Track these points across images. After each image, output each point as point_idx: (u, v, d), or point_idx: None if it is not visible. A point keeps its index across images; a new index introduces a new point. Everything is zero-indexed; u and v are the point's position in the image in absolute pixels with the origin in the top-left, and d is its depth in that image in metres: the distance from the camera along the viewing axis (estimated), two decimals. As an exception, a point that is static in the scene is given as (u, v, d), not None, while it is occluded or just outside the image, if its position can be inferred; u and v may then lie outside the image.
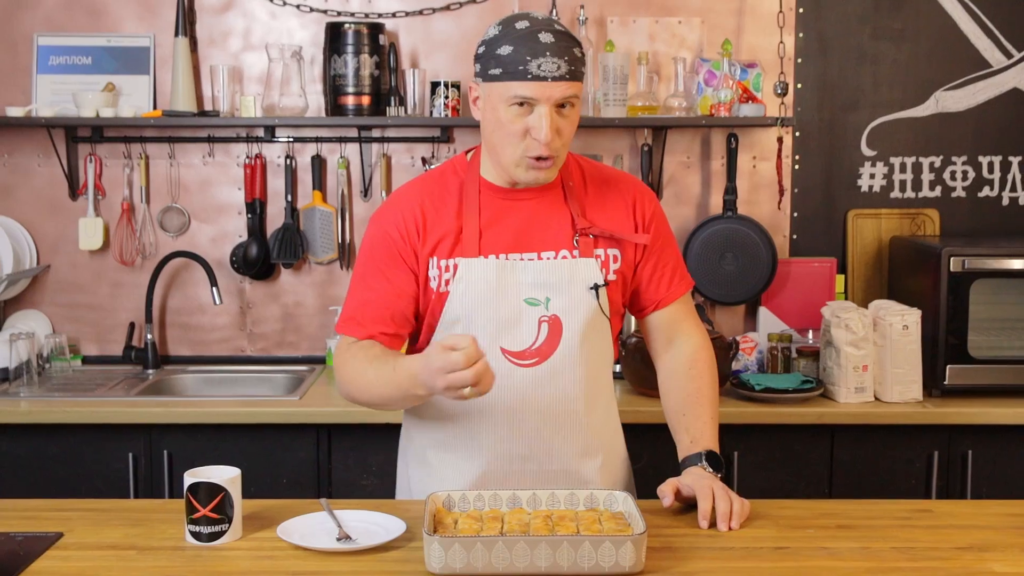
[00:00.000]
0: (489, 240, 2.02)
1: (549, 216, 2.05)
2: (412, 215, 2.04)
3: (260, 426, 3.04)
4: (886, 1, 3.57)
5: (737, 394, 3.15)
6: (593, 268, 2.03)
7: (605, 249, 2.06)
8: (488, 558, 1.73)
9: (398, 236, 2.03)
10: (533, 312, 2.01)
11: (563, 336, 2.02)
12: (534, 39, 1.89)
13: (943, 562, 1.83)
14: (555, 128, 1.92)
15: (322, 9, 3.54)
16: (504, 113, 1.92)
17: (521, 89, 1.89)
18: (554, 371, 2.03)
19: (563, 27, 1.94)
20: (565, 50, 1.90)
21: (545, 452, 2.07)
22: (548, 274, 2.01)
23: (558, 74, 1.89)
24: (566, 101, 1.92)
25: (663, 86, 3.56)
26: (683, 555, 1.84)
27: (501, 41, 1.91)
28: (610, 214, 2.08)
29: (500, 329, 2.01)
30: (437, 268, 2.03)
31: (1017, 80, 3.59)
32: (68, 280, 3.62)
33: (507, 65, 1.90)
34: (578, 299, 2.02)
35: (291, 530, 1.91)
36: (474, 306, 2.01)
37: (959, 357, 3.12)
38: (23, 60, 3.53)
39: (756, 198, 3.61)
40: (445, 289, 2.02)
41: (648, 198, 2.14)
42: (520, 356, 2.02)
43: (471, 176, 2.06)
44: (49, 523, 1.99)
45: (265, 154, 3.58)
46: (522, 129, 1.92)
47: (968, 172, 3.63)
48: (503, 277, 2.01)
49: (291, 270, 3.63)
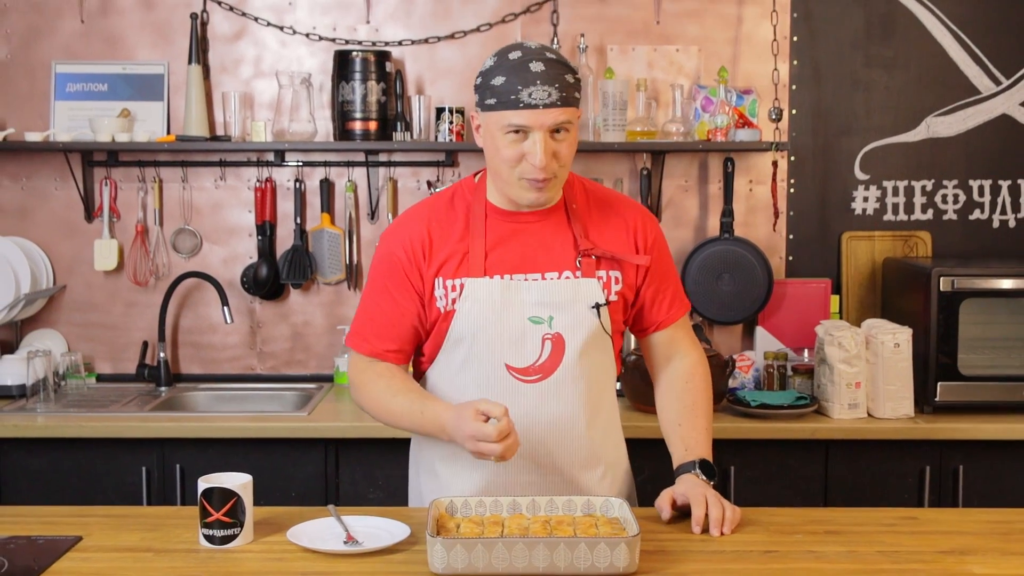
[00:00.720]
0: (494, 261, 2.09)
1: (553, 238, 2.12)
2: (419, 237, 2.12)
3: (269, 441, 3.13)
4: (878, 29, 3.68)
5: (733, 410, 3.23)
6: (595, 288, 2.11)
7: (607, 271, 2.13)
8: (488, 559, 1.82)
9: (404, 257, 2.12)
10: (537, 330, 2.09)
11: (566, 353, 2.09)
12: (525, 68, 1.96)
13: (925, 564, 1.91)
14: (550, 152, 1.99)
15: (331, 38, 3.66)
16: (501, 140, 2.00)
17: (514, 117, 1.97)
18: (557, 387, 2.10)
19: (556, 55, 2.01)
20: (556, 77, 1.96)
21: (547, 464, 2.14)
22: (551, 294, 2.09)
23: (549, 101, 1.95)
24: (559, 126, 1.98)
25: (661, 112, 3.67)
26: (675, 558, 1.92)
27: (495, 72, 1.99)
28: (612, 236, 2.15)
29: (505, 346, 2.09)
30: (443, 288, 2.10)
31: (1006, 106, 3.69)
32: (83, 300, 3.72)
33: (501, 95, 1.97)
34: (580, 317, 2.10)
35: (300, 534, 2.00)
36: (480, 324, 2.08)
37: (950, 374, 3.20)
38: (41, 87, 3.65)
39: (752, 220, 3.71)
40: (451, 308, 2.09)
41: (650, 224, 2.21)
42: (524, 372, 2.10)
43: (478, 199, 2.14)
44: (68, 528, 2.07)
45: (275, 178, 3.69)
46: (518, 155, 2.00)
47: (959, 195, 3.73)
48: (508, 296, 2.08)
49: (300, 290, 3.73)
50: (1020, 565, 1.91)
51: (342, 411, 3.31)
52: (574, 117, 2.01)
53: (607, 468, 2.21)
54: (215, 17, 3.66)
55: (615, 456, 2.26)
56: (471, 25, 3.66)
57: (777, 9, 3.62)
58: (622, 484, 2.29)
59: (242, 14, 3.65)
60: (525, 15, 3.66)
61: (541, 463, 2.14)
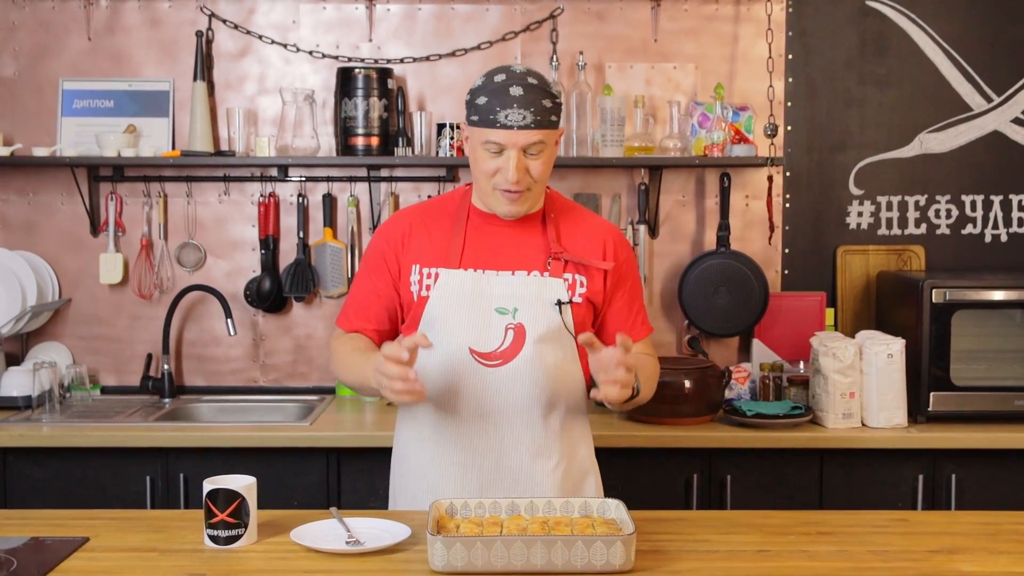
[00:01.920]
0: (470, 256, 2.28)
1: (527, 240, 2.29)
2: (400, 228, 2.33)
3: (272, 450, 3.17)
4: (871, 47, 3.75)
5: (730, 420, 3.27)
6: (559, 287, 2.26)
7: (573, 274, 2.28)
8: (487, 556, 1.86)
9: (385, 246, 2.33)
10: (501, 320, 2.24)
11: (525, 343, 2.24)
12: (505, 92, 2.15)
13: (915, 563, 1.95)
14: (522, 168, 2.17)
15: (334, 55, 3.72)
16: (480, 154, 2.20)
17: (492, 135, 2.16)
18: (516, 373, 2.24)
19: (538, 80, 2.19)
20: (532, 102, 2.15)
21: (500, 447, 2.26)
22: (518, 288, 2.25)
23: (523, 123, 2.14)
24: (532, 146, 2.16)
25: (659, 128, 3.73)
26: (670, 557, 1.97)
27: (480, 92, 2.18)
28: (582, 244, 2.31)
29: (471, 332, 2.24)
30: (419, 274, 2.28)
31: (997, 123, 3.75)
32: (89, 313, 3.77)
33: (482, 114, 2.17)
34: (542, 312, 2.24)
35: (303, 534, 2.04)
36: (450, 310, 2.24)
37: (942, 384, 3.25)
38: (49, 103, 3.72)
39: (749, 235, 3.76)
40: (426, 294, 2.27)
41: (622, 245, 2.37)
42: (487, 357, 2.24)
43: (464, 202, 2.34)
44: (76, 530, 2.12)
45: (278, 192, 3.75)
46: (494, 168, 2.19)
47: (952, 210, 3.78)
48: (478, 288, 2.25)
49: (303, 303, 3.78)
50: (1008, 563, 1.95)
51: (344, 421, 3.35)
52: (548, 138, 2.19)
53: (560, 460, 2.29)
54: (220, 35, 3.73)
55: (572, 451, 2.33)
56: (472, 43, 3.73)
57: (772, 28, 3.68)
58: (576, 480, 2.34)
59: (247, 32, 3.72)
60: (525, 33, 3.72)
61: (495, 446, 2.25)
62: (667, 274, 3.77)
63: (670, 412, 3.23)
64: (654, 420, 3.22)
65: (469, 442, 2.26)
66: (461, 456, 2.27)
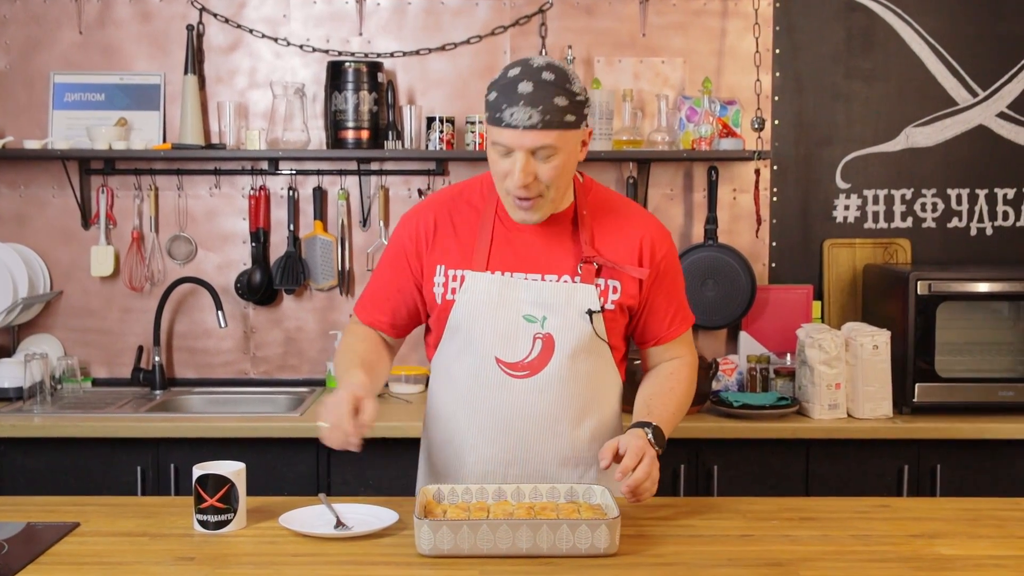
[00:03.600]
0: (497, 258, 2.16)
1: (558, 242, 2.16)
2: (426, 225, 2.21)
3: (262, 441, 3.19)
4: (858, 42, 3.78)
5: (716, 411, 3.30)
6: (591, 295, 2.14)
7: (606, 279, 2.16)
8: (474, 540, 1.88)
9: (409, 242, 2.22)
10: (529, 328, 2.14)
11: (555, 353, 2.14)
12: (513, 89, 1.99)
13: (895, 547, 1.98)
14: (530, 172, 2.01)
15: (324, 49, 3.74)
16: (492, 154, 2.06)
17: (497, 136, 2.02)
18: (543, 385, 2.15)
19: (556, 73, 2.00)
20: (542, 100, 1.97)
21: (527, 457, 2.20)
22: (547, 295, 2.14)
23: (528, 123, 1.97)
24: (541, 150, 2.00)
25: (647, 122, 3.75)
26: (655, 541, 1.99)
27: (493, 87, 2.03)
28: (618, 246, 2.18)
29: (497, 340, 2.15)
30: (444, 276, 2.18)
31: (983, 117, 3.79)
32: (80, 305, 3.79)
33: (491, 111, 2.02)
34: (572, 321, 2.14)
35: (292, 519, 2.07)
36: (475, 316, 2.15)
37: (927, 376, 3.29)
38: (40, 96, 3.73)
39: (736, 228, 3.79)
40: (452, 297, 2.17)
41: (660, 240, 2.22)
42: (513, 367, 2.15)
43: (491, 198, 2.19)
44: (67, 515, 2.14)
45: (269, 186, 3.77)
46: (504, 171, 2.05)
47: (938, 204, 3.82)
48: (505, 293, 2.14)
49: (293, 296, 3.80)
50: (987, 547, 1.98)
51: (334, 413, 3.37)
52: (561, 141, 2.01)
53: (588, 469, 2.23)
54: (211, 29, 3.74)
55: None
56: (461, 37, 3.75)
57: (760, 22, 3.71)
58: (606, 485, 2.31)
59: (237, 26, 3.74)
60: (514, 27, 3.75)
61: (521, 457, 2.20)
62: (655, 267, 3.79)
63: None
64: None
65: (493, 452, 2.18)
66: (485, 464, 2.20)
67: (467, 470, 2.22)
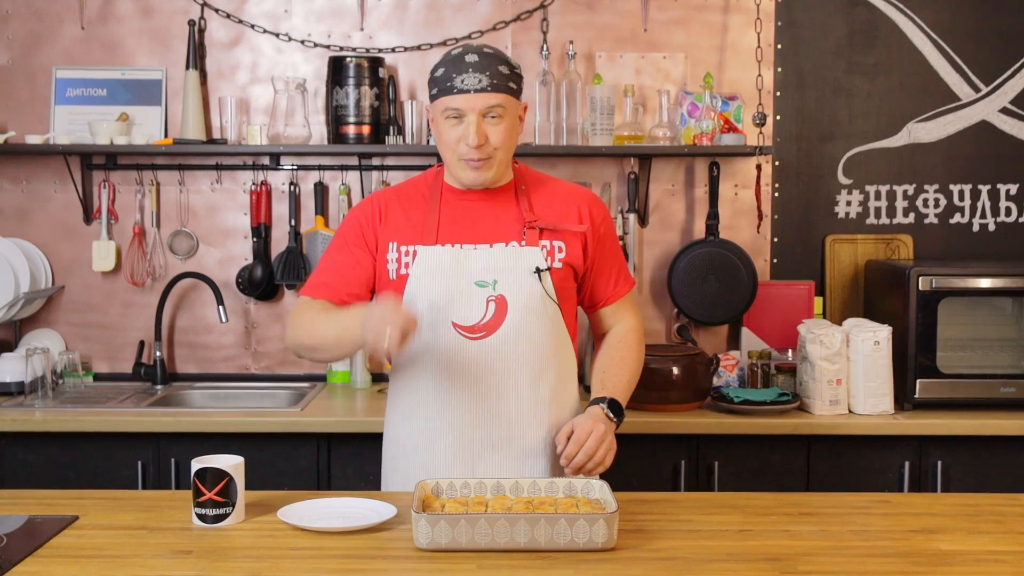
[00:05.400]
0: (446, 232, 2.30)
1: (502, 213, 2.32)
2: (376, 206, 2.36)
3: (263, 435, 3.19)
4: (860, 37, 3.77)
5: (717, 407, 3.30)
6: (537, 255, 2.28)
7: (551, 240, 2.30)
8: (471, 534, 1.88)
9: (364, 221, 2.35)
10: (482, 292, 2.26)
11: (508, 313, 2.26)
12: (460, 60, 2.21)
13: (894, 542, 1.98)
14: (483, 133, 2.20)
15: (325, 44, 3.74)
16: (442, 125, 2.23)
17: (450, 102, 2.20)
18: (500, 345, 2.26)
19: (494, 50, 2.24)
20: (488, 67, 2.20)
21: (492, 418, 2.28)
22: (497, 259, 2.27)
23: (479, 87, 2.19)
24: (491, 110, 2.20)
25: (648, 117, 3.75)
26: (653, 536, 1.99)
27: (438, 66, 2.24)
28: (557, 210, 2.34)
29: (453, 306, 2.26)
30: (397, 252, 2.30)
31: (985, 113, 3.78)
32: (81, 300, 3.79)
33: (440, 84, 2.22)
34: (522, 281, 2.26)
35: (290, 513, 2.07)
36: (430, 286, 2.26)
37: (929, 372, 3.28)
38: (42, 91, 3.73)
39: (737, 224, 3.79)
40: (406, 272, 2.29)
41: (597, 205, 2.40)
42: (470, 330, 2.26)
43: (437, 180, 2.37)
44: (66, 509, 2.14)
45: (270, 181, 3.77)
46: (456, 137, 2.22)
47: (940, 200, 3.81)
48: (457, 262, 2.26)
49: (294, 291, 3.79)
50: (986, 542, 1.97)
51: (334, 407, 3.38)
52: (508, 103, 2.22)
53: (552, 429, 2.30)
54: (212, 24, 3.74)
55: (563, 420, 2.33)
56: (463, 32, 3.75)
57: (761, 17, 3.70)
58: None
59: (239, 21, 3.73)
60: (516, 23, 3.74)
61: (486, 417, 2.27)
62: (656, 263, 3.79)
63: (658, 399, 3.25)
64: (642, 406, 3.23)
65: (458, 416, 2.27)
66: (451, 430, 2.27)
67: (434, 438, 2.28)
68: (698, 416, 3.24)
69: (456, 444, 2.27)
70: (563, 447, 2.21)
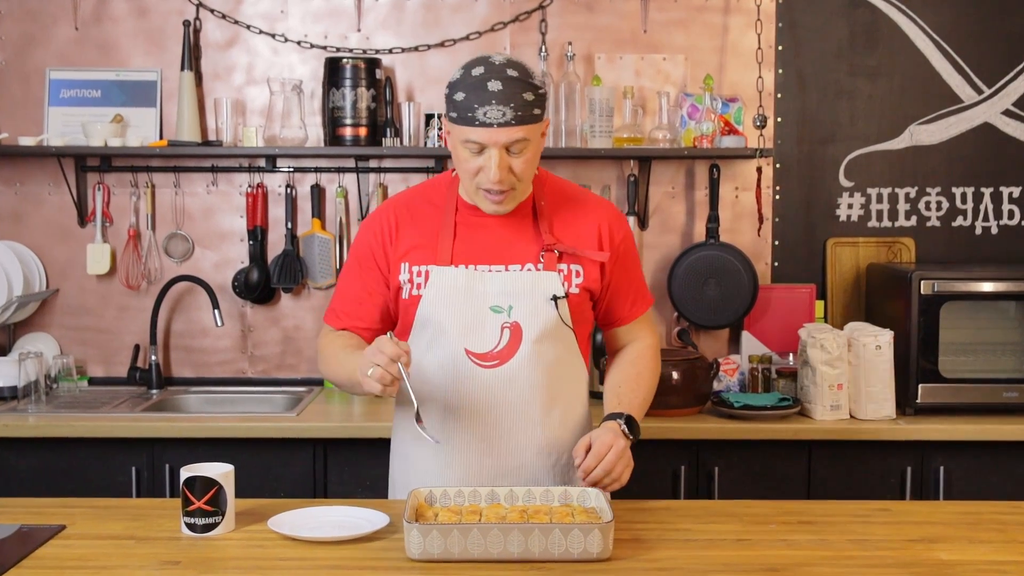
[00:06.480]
0: (461, 252, 2.19)
1: (518, 233, 2.21)
2: (389, 223, 2.25)
3: (259, 441, 3.16)
4: (861, 39, 3.73)
5: (717, 412, 3.26)
6: (554, 281, 2.18)
7: (569, 264, 2.21)
8: (464, 544, 1.85)
9: (373, 240, 2.25)
10: (496, 319, 2.17)
11: (523, 341, 2.17)
12: (483, 87, 2.04)
13: (894, 552, 1.94)
14: (505, 167, 2.07)
15: (322, 45, 3.71)
16: (461, 152, 2.10)
17: (471, 134, 2.06)
18: (513, 373, 2.18)
19: (519, 71, 2.07)
20: (512, 96, 2.04)
21: (502, 447, 2.21)
22: (512, 284, 2.17)
23: (503, 120, 2.03)
24: (514, 143, 2.06)
25: (648, 119, 3.71)
26: (650, 545, 1.96)
27: (458, 87, 2.07)
28: (577, 232, 2.23)
29: (466, 332, 2.17)
30: (409, 272, 2.20)
31: (988, 115, 3.74)
32: (76, 304, 3.76)
33: (460, 111, 2.06)
34: (538, 308, 2.17)
35: (281, 522, 2.04)
36: (443, 310, 2.17)
37: (931, 376, 3.24)
38: (36, 93, 3.70)
39: (738, 227, 3.75)
40: (417, 293, 2.19)
41: (618, 223, 2.29)
42: (483, 358, 2.18)
43: (451, 194, 2.24)
44: (53, 518, 2.11)
45: (266, 183, 3.74)
46: (476, 167, 2.09)
47: (942, 202, 3.77)
48: (471, 285, 2.17)
49: (291, 295, 3.76)
50: (987, 552, 1.94)
51: (331, 412, 3.34)
52: (531, 134, 2.08)
53: (562, 456, 2.25)
54: (208, 25, 3.71)
55: (572, 443, 2.27)
56: (461, 33, 3.72)
57: (762, 19, 3.67)
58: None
59: (234, 22, 3.70)
60: (514, 24, 3.71)
61: (496, 446, 2.20)
62: (657, 266, 3.75)
63: (658, 403, 3.11)
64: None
65: (468, 443, 2.19)
66: (462, 457, 2.20)
67: (443, 467, 2.21)
68: (698, 421, 3.20)
69: (465, 472, 2.20)
70: (581, 460, 2.12)
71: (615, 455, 2.11)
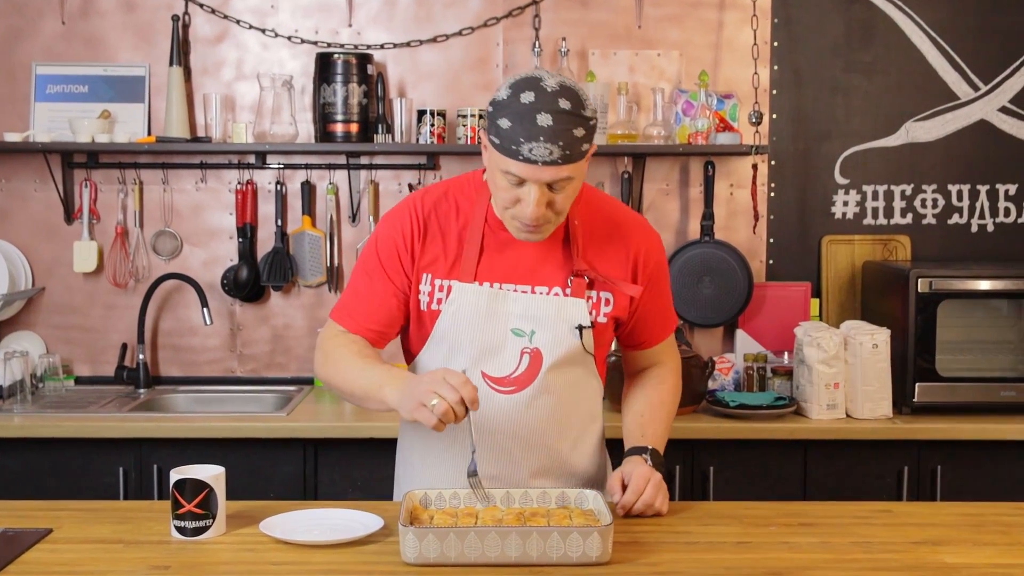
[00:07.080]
0: (486, 268, 2.08)
1: (548, 253, 2.09)
2: (416, 225, 2.11)
3: (248, 441, 3.12)
4: (857, 35, 3.71)
5: (712, 411, 3.24)
6: (581, 309, 2.09)
7: (598, 292, 2.11)
8: (460, 548, 1.81)
9: (402, 244, 2.10)
10: (517, 342, 2.08)
11: (542, 369, 2.08)
12: (531, 120, 1.87)
13: (897, 554, 1.91)
14: (543, 203, 1.94)
15: (312, 40, 3.67)
16: (499, 179, 1.96)
17: (512, 167, 1.91)
18: (529, 401, 2.09)
19: (571, 102, 1.90)
20: (562, 134, 1.87)
21: (513, 474, 2.14)
22: (536, 308, 2.07)
23: (549, 159, 1.88)
24: (557, 182, 1.92)
25: (643, 116, 3.68)
26: (649, 549, 1.92)
27: (504, 111, 1.90)
28: (610, 258, 2.12)
29: (484, 354, 2.08)
30: (431, 285, 2.10)
31: (984, 112, 3.72)
32: (62, 302, 3.71)
33: (504, 140, 1.90)
34: (561, 337, 2.08)
35: (273, 525, 1.99)
36: (462, 328, 2.08)
37: (927, 375, 3.22)
38: (22, 88, 3.65)
39: (733, 224, 3.72)
40: (438, 308, 2.09)
41: (654, 250, 2.17)
42: (499, 382, 2.09)
43: (480, 201, 2.11)
44: (40, 521, 2.05)
45: (256, 180, 3.69)
46: (513, 198, 1.96)
47: (938, 200, 3.75)
48: (493, 305, 2.07)
49: (281, 293, 3.72)
50: (992, 555, 1.91)
51: (321, 412, 3.30)
52: (576, 171, 1.94)
53: (570, 479, 2.19)
54: (197, 19, 3.66)
55: (585, 468, 2.22)
56: (453, 29, 3.68)
57: (758, 14, 3.64)
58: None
59: (224, 16, 3.66)
60: (507, 19, 3.67)
61: (505, 472, 2.13)
62: (650, 264, 3.72)
63: None
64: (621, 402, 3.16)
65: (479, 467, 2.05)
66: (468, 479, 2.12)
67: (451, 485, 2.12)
68: (693, 421, 3.17)
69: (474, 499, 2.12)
70: (619, 496, 2.06)
71: (654, 489, 2.06)
